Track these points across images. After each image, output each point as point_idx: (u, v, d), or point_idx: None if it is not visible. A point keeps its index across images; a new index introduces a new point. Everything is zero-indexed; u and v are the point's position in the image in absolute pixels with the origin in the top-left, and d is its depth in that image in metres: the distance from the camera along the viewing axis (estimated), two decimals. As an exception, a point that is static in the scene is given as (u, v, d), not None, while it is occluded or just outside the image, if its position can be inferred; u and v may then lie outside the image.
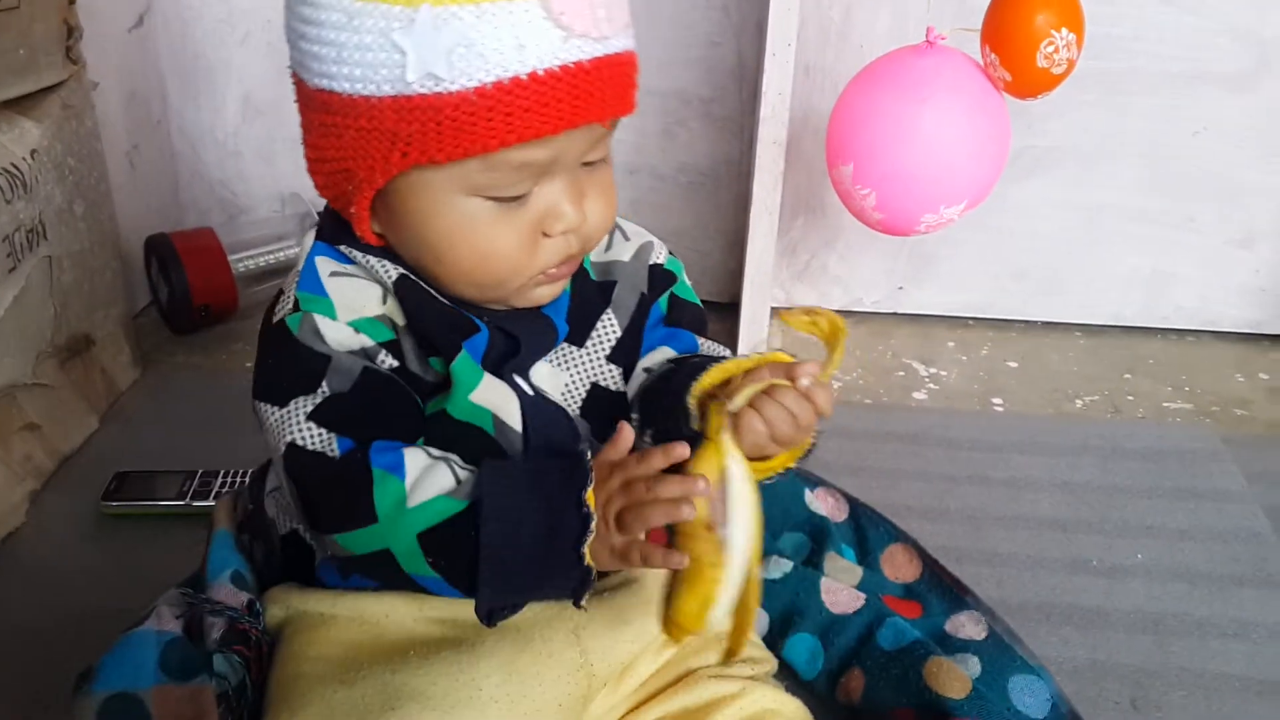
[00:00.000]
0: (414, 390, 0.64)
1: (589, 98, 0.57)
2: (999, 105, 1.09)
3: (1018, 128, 1.18)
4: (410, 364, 0.64)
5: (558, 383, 0.68)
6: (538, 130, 0.56)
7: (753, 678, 0.72)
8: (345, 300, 0.63)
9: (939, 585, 0.87)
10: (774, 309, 0.65)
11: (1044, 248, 1.40)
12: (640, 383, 0.70)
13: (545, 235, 0.62)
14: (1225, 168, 1.34)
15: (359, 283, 0.64)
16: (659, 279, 0.73)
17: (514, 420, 0.64)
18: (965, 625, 0.81)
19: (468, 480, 0.60)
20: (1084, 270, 1.41)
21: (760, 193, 1.25)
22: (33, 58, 1.03)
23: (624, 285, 0.71)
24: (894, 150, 1.07)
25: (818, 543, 0.90)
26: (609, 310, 0.70)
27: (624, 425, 0.60)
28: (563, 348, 0.69)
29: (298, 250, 0.74)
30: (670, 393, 0.66)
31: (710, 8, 1.34)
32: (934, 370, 1.34)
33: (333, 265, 0.64)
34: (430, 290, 0.64)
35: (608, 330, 0.70)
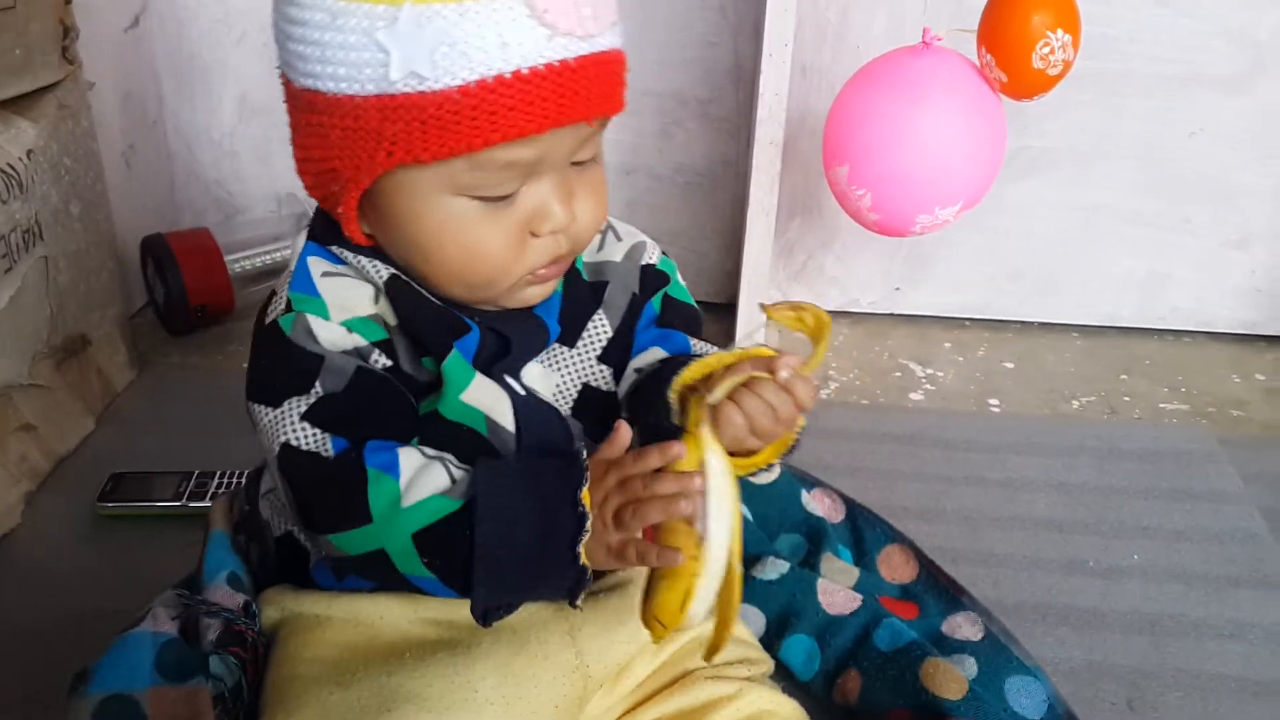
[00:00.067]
0: (408, 390, 0.64)
1: (574, 96, 0.57)
2: (995, 106, 1.09)
3: (1014, 128, 1.18)
4: (403, 364, 0.64)
5: (549, 383, 0.68)
6: (522, 129, 0.56)
7: (749, 679, 0.72)
8: (338, 300, 0.63)
9: (935, 586, 0.87)
10: (762, 305, 0.65)
11: (1040, 249, 1.40)
12: (630, 383, 0.70)
13: (534, 235, 0.61)
14: (1221, 169, 1.34)
15: (351, 282, 0.64)
16: (651, 279, 0.73)
17: (506, 420, 0.64)
18: (962, 626, 0.82)
19: (463, 479, 0.60)
20: (1080, 271, 1.41)
21: (757, 193, 1.25)
22: (29, 58, 1.03)
23: (615, 286, 0.71)
24: (890, 151, 1.08)
25: (814, 544, 0.90)
26: (600, 311, 0.70)
27: (622, 424, 0.60)
28: (554, 348, 0.68)
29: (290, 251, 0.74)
30: (655, 390, 0.66)
31: (707, 8, 1.34)
32: (930, 371, 1.34)
33: (325, 265, 0.64)
34: (421, 290, 0.64)
35: (599, 331, 0.70)
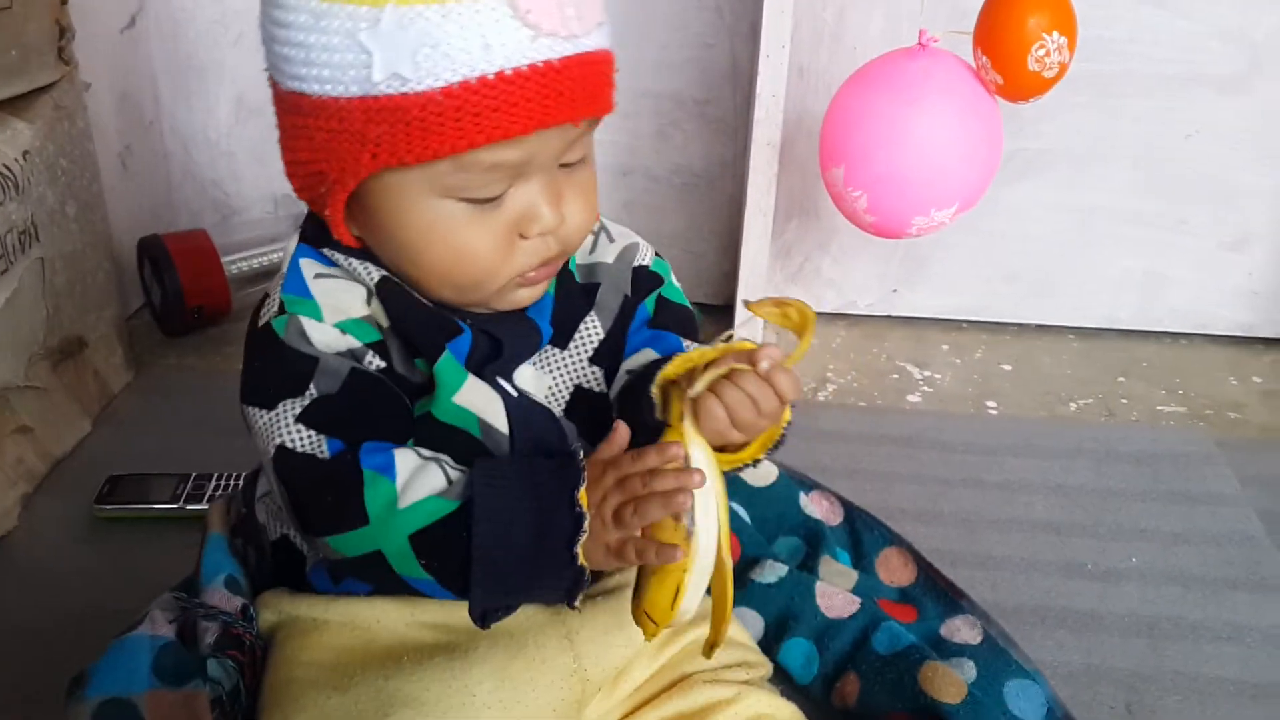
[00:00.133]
0: (402, 391, 0.64)
1: (559, 97, 0.56)
2: (991, 108, 1.09)
3: (1010, 130, 1.18)
4: (397, 365, 0.64)
5: (541, 385, 0.68)
6: (507, 130, 0.56)
7: (748, 682, 0.72)
8: (331, 302, 0.63)
9: (934, 589, 0.87)
10: (745, 302, 0.65)
11: (1037, 250, 1.40)
12: (621, 384, 0.70)
13: (522, 237, 0.61)
14: (1218, 170, 1.34)
15: (344, 284, 0.64)
16: (643, 281, 0.73)
17: (499, 422, 0.64)
18: (960, 629, 0.82)
19: (459, 480, 0.59)
20: (1077, 273, 1.41)
21: (754, 195, 1.25)
22: (25, 58, 1.03)
23: (607, 287, 0.71)
24: (886, 153, 1.08)
25: (812, 546, 0.90)
26: (592, 312, 0.70)
27: (620, 424, 0.60)
28: (546, 350, 0.68)
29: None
30: (644, 390, 0.66)
31: (704, 9, 1.34)
32: (928, 373, 1.34)
33: (317, 267, 0.64)
34: (412, 292, 0.64)
35: (591, 332, 0.70)
